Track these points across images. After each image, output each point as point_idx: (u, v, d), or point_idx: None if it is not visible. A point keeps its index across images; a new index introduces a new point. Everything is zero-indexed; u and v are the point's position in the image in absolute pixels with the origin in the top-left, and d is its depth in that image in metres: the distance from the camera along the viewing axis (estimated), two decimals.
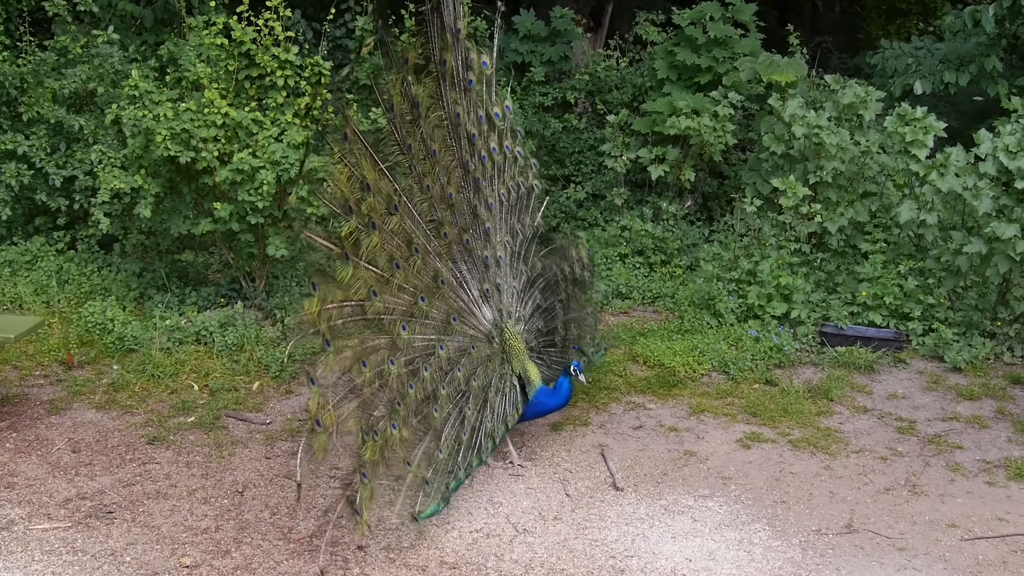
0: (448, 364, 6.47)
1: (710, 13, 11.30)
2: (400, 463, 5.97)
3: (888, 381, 8.28)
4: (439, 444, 6.17)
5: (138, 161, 8.99)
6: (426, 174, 6.68)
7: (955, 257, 8.63)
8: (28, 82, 10.26)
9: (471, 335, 6.68)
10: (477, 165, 6.83)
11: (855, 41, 18.63)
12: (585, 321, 7.58)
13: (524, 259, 7.11)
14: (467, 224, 6.79)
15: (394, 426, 6.00)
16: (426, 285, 6.53)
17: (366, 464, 5.78)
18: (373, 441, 5.84)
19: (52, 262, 9.84)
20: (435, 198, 6.67)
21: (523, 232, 7.14)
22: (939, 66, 11.79)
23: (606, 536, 5.96)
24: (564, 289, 7.34)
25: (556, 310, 7.25)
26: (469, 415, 6.38)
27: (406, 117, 6.69)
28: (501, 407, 6.59)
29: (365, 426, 5.92)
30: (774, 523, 6.14)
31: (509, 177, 7.06)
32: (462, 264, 6.74)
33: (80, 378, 8.10)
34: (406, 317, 6.41)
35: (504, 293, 6.87)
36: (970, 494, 6.51)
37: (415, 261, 6.47)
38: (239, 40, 9.06)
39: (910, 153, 9.04)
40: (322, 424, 5.80)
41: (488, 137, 6.93)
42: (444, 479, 6.08)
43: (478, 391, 6.52)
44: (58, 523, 6.05)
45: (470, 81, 6.87)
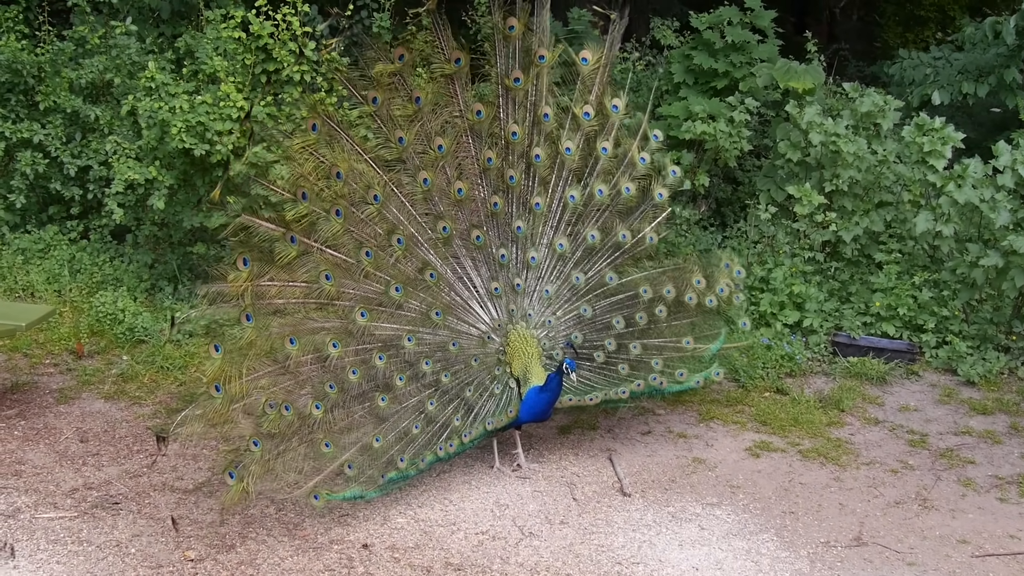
0: (415, 356, 6.42)
1: (728, 18, 11.25)
2: (319, 443, 5.99)
3: (900, 393, 8.23)
4: (377, 433, 6.16)
5: (153, 152, 9.00)
6: (425, 167, 6.64)
7: (971, 270, 8.58)
8: (46, 71, 10.26)
9: (457, 331, 6.61)
10: (513, 164, 6.80)
11: (873, 49, 18.55)
12: (667, 350, 7.09)
13: (583, 267, 6.95)
14: (480, 221, 6.75)
15: (317, 406, 6.03)
16: (407, 276, 6.48)
17: (263, 435, 5.83)
18: (279, 414, 5.88)
19: (65, 251, 9.83)
20: (436, 191, 6.64)
21: (596, 240, 6.97)
22: (957, 76, 11.71)
23: (612, 542, 5.93)
24: (645, 310, 7.00)
25: (613, 327, 6.96)
26: (431, 410, 6.37)
27: (395, 112, 6.68)
28: (484, 408, 6.54)
29: (274, 399, 5.92)
30: (782, 534, 6.10)
31: (597, 180, 6.99)
32: (466, 260, 6.71)
33: (90, 368, 8.10)
34: (370, 304, 6.36)
35: (526, 296, 6.80)
36: (981, 510, 6.46)
37: (394, 251, 6.43)
38: (256, 34, 9.05)
39: (927, 163, 8.98)
40: (223, 391, 5.83)
41: (549, 137, 6.90)
42: (380, 468, 6.09)
43: (451, 388, 6.48)
44: (64, 512, 6.04)
45: (516, 80, 6.83)
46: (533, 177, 6.89)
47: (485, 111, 6.83)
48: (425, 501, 6.30)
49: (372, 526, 6.00)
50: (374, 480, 6.07)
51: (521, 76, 6.86)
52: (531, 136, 6.88)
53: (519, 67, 6.86)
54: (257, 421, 5.89)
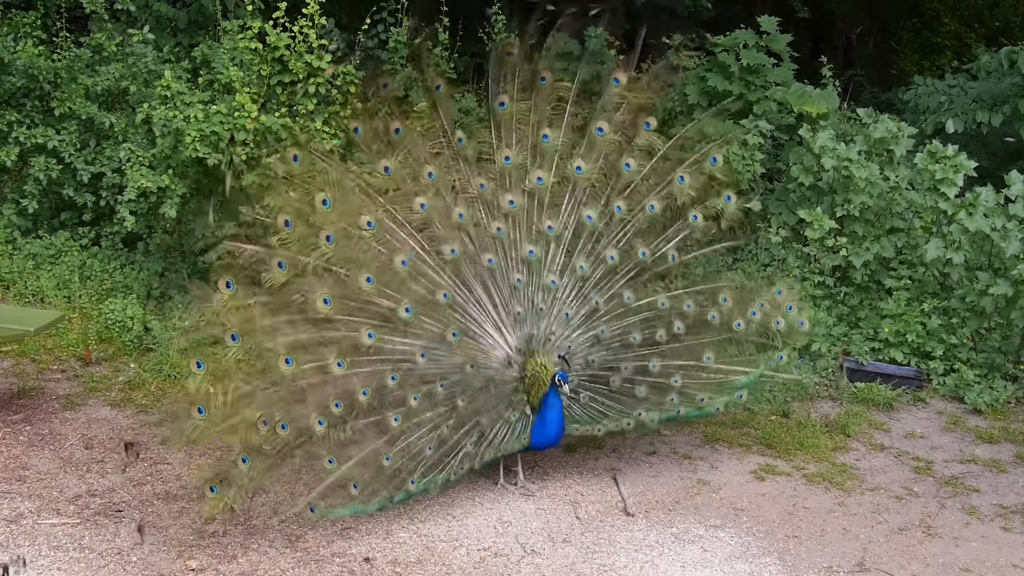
0: (430, 377, 6.36)
1: (744, 40, 11.28)
2: (322, 458, 5.97)
3: (907, 420, 8.20)
4: (389, 452, 6.12)
5: (166, 161, 9.04)
6: (418, 193, 6.59)
7: (980, 298, 8.56)
8: (62, 77, 10.32)
9: (474, 354, 6.53)
10: (510, 188, 6.79)
11: (888, 76, 18.56)
12: (695, 372, 6.97)
13: (602, 288, 6.89)
14: (488, 246, 6.70)
15: (320, 422, 5.99)
16: (419, 296, 6.40)
17: (253, 451, 5.80)
18: (273, 432, 5.84)
19: (75, 257, 9.87)
20: (437, 217, 6.59)
21: (611, 261, 6.91)
22: (972, 105, 11.71)
23: (615, 562, 5.91)
24: (667, 329, 6.94)
25: (632, 345, 6.89)
26: (446, 434, 6.31)
27: (371, 145, 6.72)
28: (498, 435, 6.48)
29: (268, 416, 5.86)
30: (785, 558, 6.08)
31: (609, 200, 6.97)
32: (478, 285, 6.62)
33: (97, 375, 8.12)
34: (378, 322, 6.28)
35: (547, 319, 6.71)
36: (985, 538, 6.43)
37: (398, 274, 6.36)
38: (273, 45, 9.09)
39: (939, 191, 8.97)
40: (206, 413, 5.77)
41: (545, 163, 6.90)
42: (388, 488, 6.08)
43: (465, 412, 6.41)
44: (67, 519, 6.05)
45: (502, 104, 6.89)
46: (538, 200, 6.84)
47: (466, 138, 6.87)
48: (428, 516, 6.30)
49: (374, 540, 5.99)
50: (376, 499, 6.05)
51: (506, 100, 6.90)
52: (532, 158, 6.86)
53: (518, 89, 6.90)
54: (248, 437, 5.83)
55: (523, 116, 6.93)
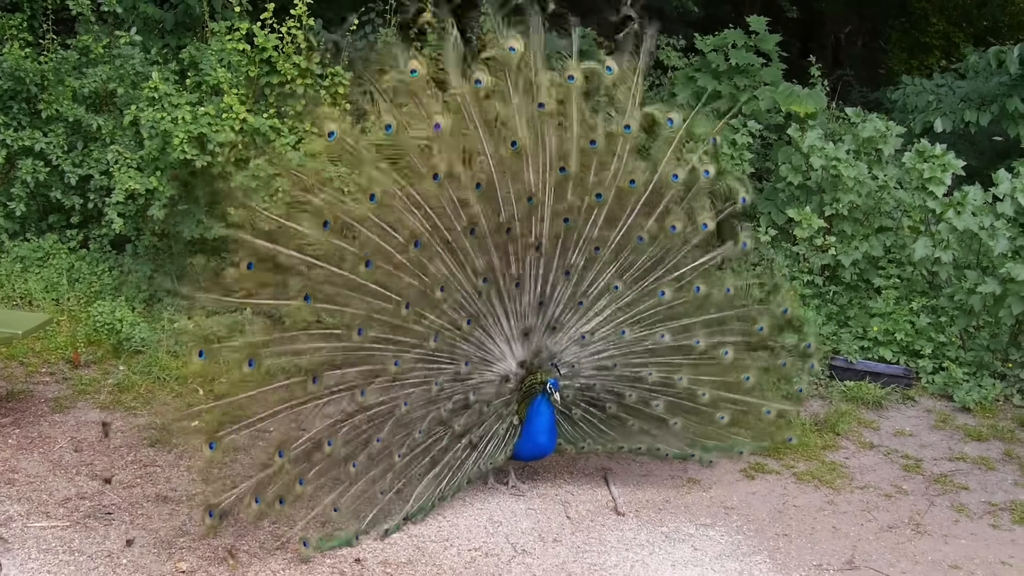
0: (436, 400, 6.26)
1: (733, 40, 11.30)
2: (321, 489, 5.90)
3: (896, 418, 8.22)
4: (383, 485, 6.08)
5: (154, 163, 9.01)
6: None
7: (968, 296, 8.59)
8: (49, 80, 10.28)
9: (480, 375, 6.43)
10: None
11: (877, 76, 18.61)
12: (698, 425, 6.81)
13: (638, 320, 6.67)
14: (513, 261, 6.40)
15: (354, 465, 5.97)
16: (447, 322, 6.23)
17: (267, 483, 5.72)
18: (275, 459, 5.75)
19: (64, 260, 9.83)
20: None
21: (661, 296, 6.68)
22: (960, 104, 11.75)
23: (605, 561, 5.92)
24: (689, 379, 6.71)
25: (644, 379, 6.69)
26: (437, 455, 6.27)
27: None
28: (488, 448, 6.46)
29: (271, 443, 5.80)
30: (775, 556, 6.09)
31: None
32: (500, 304, 6.41)
33: (86, 377, 8.09)
34: (402, 348, 6.13)
35: (560, 334, 6.58)
36: (974, 536, 6.45)
37: (438, 300, 6.16)
38: (261, 47, 9.08)
39: (927, 190, 9.00)
40: (217, 447, 5.68)
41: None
42: (381, 516, 6.05)
43: (460, 431, 6.37)
44: (56, 522, 6.02)
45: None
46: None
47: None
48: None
49: (365, 540, 5.98)
50: (356, 526, 5.98)
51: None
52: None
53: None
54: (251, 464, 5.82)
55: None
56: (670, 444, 6.75)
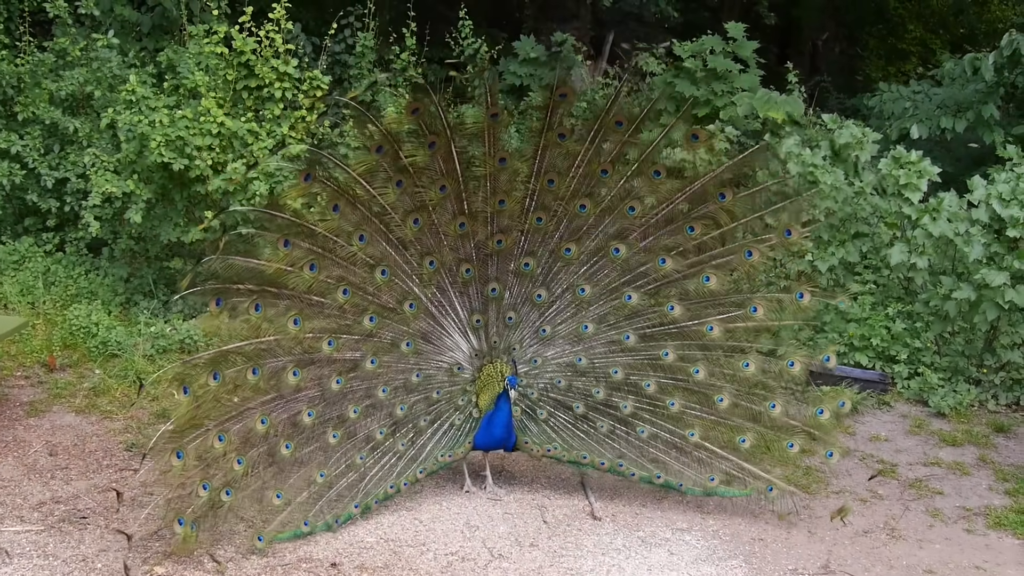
0: (374, 382, 6.32)
1: (711, 47, 11.35)
2: (270, 489, 5.95)
3: (871, 423, 8.27)
4: (322, 468, 6.13)
5: (131, 166, 8.99)
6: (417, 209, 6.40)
7: (944, 302, 8.64)
8: (25, 82, 10.25)
9: (427, 359, 6.46)
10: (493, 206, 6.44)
11: (854, 82, 18.73)
12: (669, 443, 6.56)
13: (604, 319, 6.59)
14: (466, 256, 6.46)
15: (287, 446, 6.02)
16: (383, 305, 6.35)
17: (237, 480, 5.80)
18: (232, 465, 5.80)
19: (40, 263, 9.79)
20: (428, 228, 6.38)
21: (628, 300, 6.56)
22: (936, 111, 11.85)
23: (581, 565, 5.92)
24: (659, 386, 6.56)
25: (610, 377, 6.60)
26: (379, 439, 6.30)
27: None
28: (443, 439, 6.47)
29: (229, 448, 5.84)
30: (751, 560, 6.11)
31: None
32: (450, 291, 6.47)
33: (61, 381, 8.05)
34: (337, 333, 6.24)
35: (517, 330, 6.57)
36: (949, 541, 6.48)
37: (376, 282, 6.29)
38: (239, 50, 9.06)
39: (903, 196, 9.05)
40: (185, 457, 5.72)
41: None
42: (328, 506, 6.09)
43: (406, 418, 6.39)
44: (31, 526, 5.99)
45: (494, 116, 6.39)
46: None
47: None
48: (395, 521, 6.28)
49: (341, 545, 5.97)
50: (315, 519, 6.03)
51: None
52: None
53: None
54: (209, 466, 5.80)
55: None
56: (637, 463, 6.55)
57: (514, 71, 12.93)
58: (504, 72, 12.96)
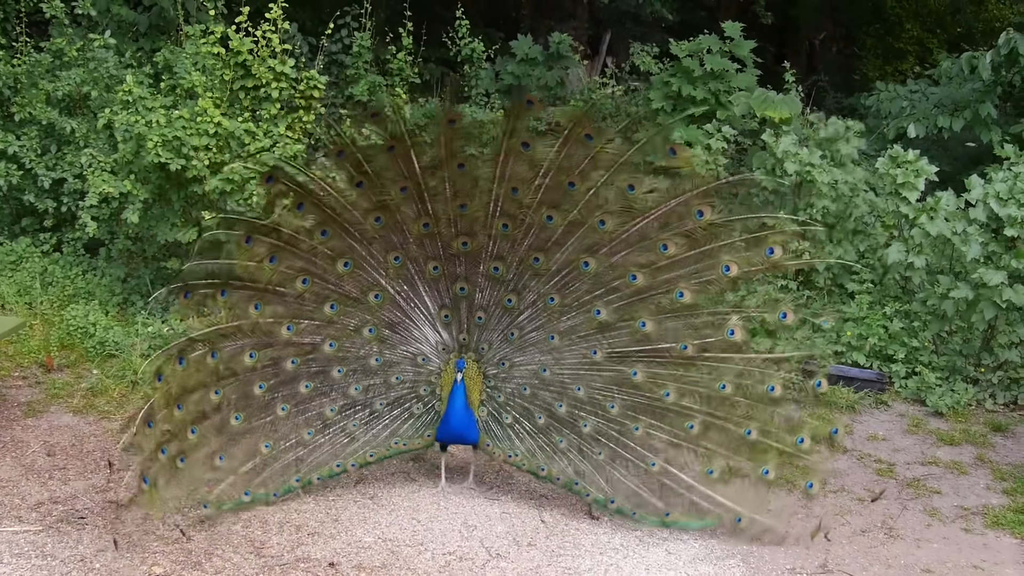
0: (330, 362, 6.45)
1: (708, 46, 11.36)
2: (214, 455, 6.14)
3: (869, 422, 8.27)
4: (267, 440, 6.30)
5: (128, 166, 8.98)
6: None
7: (941, 301, 8.65)
8: (22, 83, 10.24)
9: (390, 347, 6.53)
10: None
11: (851, 81, 18.75)
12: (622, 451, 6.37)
13: (567, 332, 6.46)
14: (433, 255, 6.47)
15: (237, 417, 6.21)
16: (346, 294, 6.47)
17: (191, 448, 6.02)
18: (187, 434, 6.03)
19: (37, 263, 9.78)
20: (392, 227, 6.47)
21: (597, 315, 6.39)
22: (934, 110, 11.86)
23: (579, 565, 5.92)
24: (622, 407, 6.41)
25: (572, 394, 6.44)
26: (331, 416, 6.43)
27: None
28: (400, 426, 6.55)
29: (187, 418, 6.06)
30: (749, 560, 6.11)
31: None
32: (419, 285, 6.50)
33: (59, 381, 8.05)
34: (298, 318, 6.40)
35: (486, 331, 6.52)
36: (946, 540, 6.49)
37: (339, 274, 6.43)
38: (236, 50, 9.06)
39: (901, 195, 9.06)
40: (155, 427, 5.94)
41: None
42: (272, 478, 6.29)
43: (360, 400, 6.50)
44: (29, 526, 5.99)
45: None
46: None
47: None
48: (393, 520, 6.28)
49: (339, 545, 5.97)
50: (258, 490, 6.25)
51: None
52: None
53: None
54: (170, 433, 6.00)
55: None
56: (595, 483, 6.34)
57: (511, 71, 12.93)
58: (501, 72, 12.96)
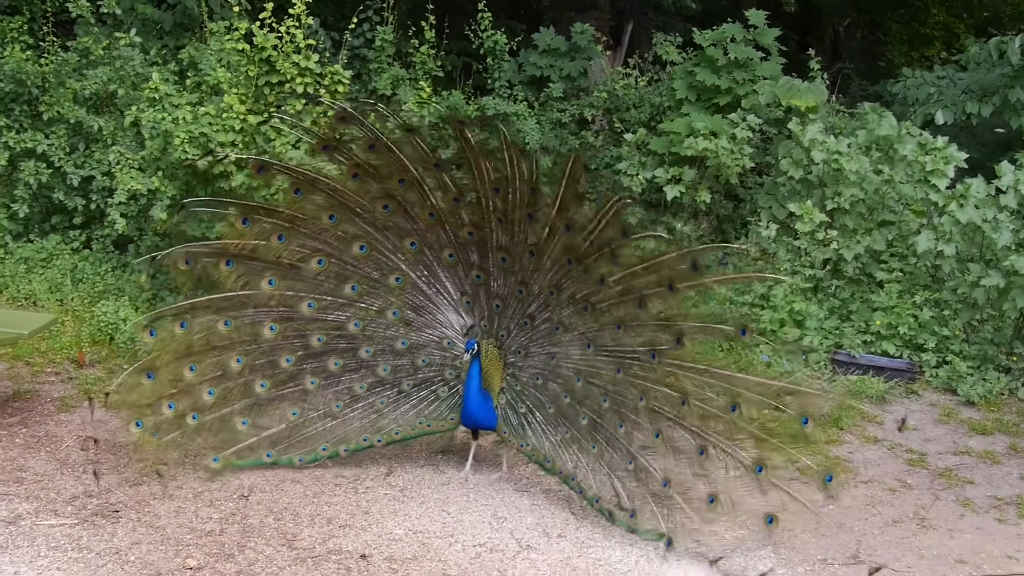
0: (358, 342, 6.65)
1: (732, 35, 11.29)
2: (235, 417, 6.51)
3: (900, 412, 8.22)
4: (294, 407, 6.63)
5: (155, 163, 9.03)
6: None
7: (972, 289, 8.58)
8: (50, 82, 10.31)
9: (415, 329, 6.69)
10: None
11: (876, 68, 18.63)
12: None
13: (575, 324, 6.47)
14: (447, 242, 6.61)
15: (263, 384, 6.52)
16: (367, 276, 6.65)
17: (205, 408, 6.42)
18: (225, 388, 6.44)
19: (67, 261, 9.86)
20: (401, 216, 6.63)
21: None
22: (962, 96, 11.76)
23: (610, 556, 5.92)
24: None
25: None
26: (360, 392, 6.66)
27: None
28: (426, 407, 6.69)
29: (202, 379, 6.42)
30: (779, 550, 6.10)
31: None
32: (439, 271, 6.65)
33: (91, 376, 8.12)
34: (320, 295, 6.61)
35: (504, 319, 6.59)
36: (980, 530, 6.45)
37: (356, 257, 6.61)
38: (260, 46, 9.09)
39: (930, 183, 9.00)
40: (156, 378, 6.41)
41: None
42: (297, 445, 6.60)
43: (388, 379, 6.67)
44: (64, 520, 6.04)
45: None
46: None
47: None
48: (423, 512, 6.30)
49: (370, 537, 6.00)
50: (283, 454, 6.58)
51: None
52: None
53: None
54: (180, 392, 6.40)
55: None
56: (586, 479, 6.31)
57: (534, 62, 12.91)
58: (524, 64, 12.94)
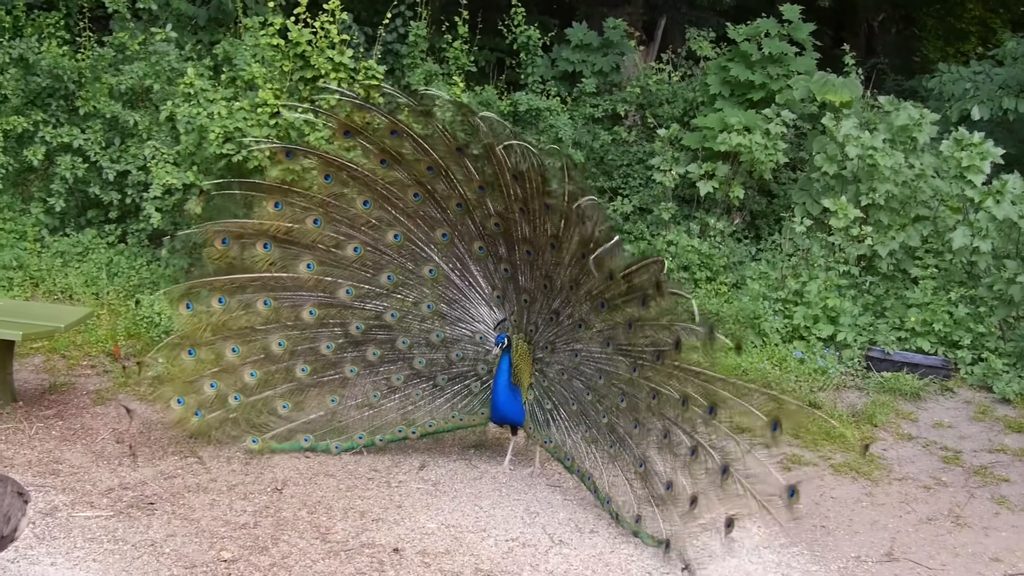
0: (394, 333, 6.78)
1: (766, 29, 11.24)
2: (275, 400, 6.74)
3: (934, 409, 8.17)
4: (333, 395, 6.85)
5: (190, 157, 9.09)
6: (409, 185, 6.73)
7: (1008, 286, 8.52)
8: (86, 77, 10.39)
9: (449, 322, 6.78)
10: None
11: (911, 63, 18.46)
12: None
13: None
14: (476, 234, 6.66)
15: (304, 369, 6.71)
16: (402, 266, 6.76)
17: (248, 389, 6.66)
18: (267, 371, 6.66)
19: (103, 254, 9.95)
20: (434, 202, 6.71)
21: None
22: (998, 92, 11.65)
23: (642, 551, 5.92)
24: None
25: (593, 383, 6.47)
26: (397, 384, 6.78)
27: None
28: (460, 401, 6.76)
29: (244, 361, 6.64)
30: (813, 547, 6.07)
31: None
32: (471, 264, 6.72)
33: (126, 370, 8.18)
34: (357, 283, 6.74)
35: (532, 313, 6.60)
36: (1015, 528, 6.40)
37: (391, 246, 6.72)
38: (295, 41, 9.13)
39: (966, 179, 8.93)
40: (196, 354, 6.67)
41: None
42: (335, 432, 6.80)
43: (424, 372, 6.80)
44: (100, 512, 6.10)
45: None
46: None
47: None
48: (456, 507, 6.32)
49: (402, 531, 6.02)
50: (319, 440, 6.79)
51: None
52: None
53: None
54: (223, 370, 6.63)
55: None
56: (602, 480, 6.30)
57: (567, 57, 12.90)
58: (557, 59, 12.93)
